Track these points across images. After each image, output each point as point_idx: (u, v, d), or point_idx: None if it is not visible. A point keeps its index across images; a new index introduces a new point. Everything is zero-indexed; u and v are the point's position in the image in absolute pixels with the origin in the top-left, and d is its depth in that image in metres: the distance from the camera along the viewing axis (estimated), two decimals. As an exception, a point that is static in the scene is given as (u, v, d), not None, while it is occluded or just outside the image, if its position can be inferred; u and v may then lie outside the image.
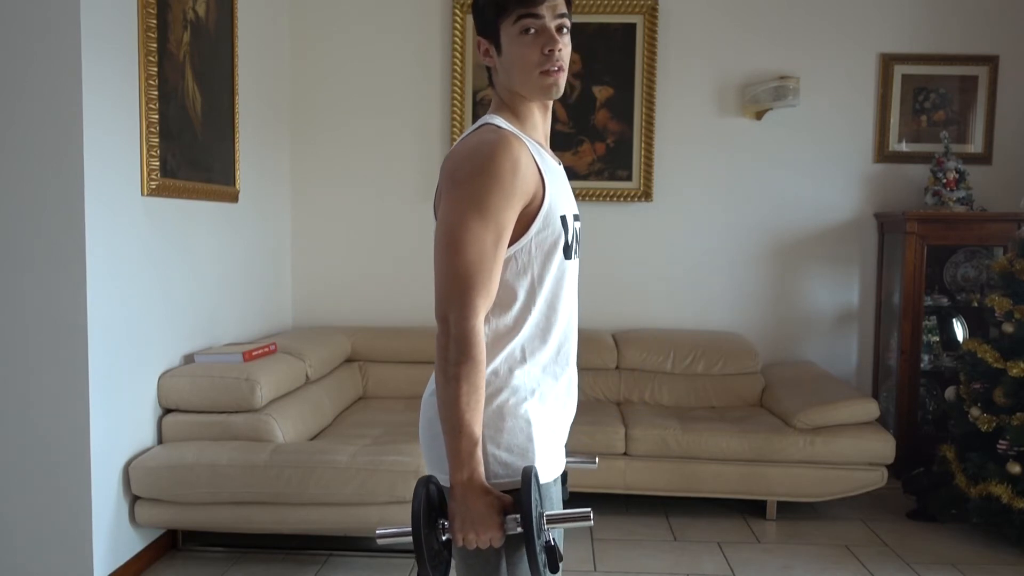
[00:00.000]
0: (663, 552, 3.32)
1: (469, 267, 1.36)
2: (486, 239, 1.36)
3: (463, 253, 1.35)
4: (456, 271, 1.36)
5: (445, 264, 1.37)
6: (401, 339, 4.25)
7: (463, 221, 1.36)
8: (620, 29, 4.34)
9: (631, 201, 4.39)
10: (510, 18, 1.43)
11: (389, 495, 2.96)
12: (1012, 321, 3.43)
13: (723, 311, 4.45)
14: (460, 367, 1.35)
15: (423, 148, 4.46)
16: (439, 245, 1.39)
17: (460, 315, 1.35)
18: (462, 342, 1.35)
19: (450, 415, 1.35)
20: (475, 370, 1.35)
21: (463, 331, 1.35)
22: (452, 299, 1.36)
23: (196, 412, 3.17)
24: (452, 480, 1.36)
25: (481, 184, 1.36)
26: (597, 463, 1.77)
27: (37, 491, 2.73)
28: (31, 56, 2.63)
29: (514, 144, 1.39)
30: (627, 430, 3.63)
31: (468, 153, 1.41)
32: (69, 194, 2.66)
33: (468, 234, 1.35)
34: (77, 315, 2.69)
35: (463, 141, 1.45)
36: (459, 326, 1.35)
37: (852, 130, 4.37)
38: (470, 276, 1.36)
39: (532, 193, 1.41)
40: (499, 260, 1.39)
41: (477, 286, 1.36)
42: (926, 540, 3.47)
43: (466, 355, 1.35)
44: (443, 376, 1.37)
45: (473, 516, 1.35)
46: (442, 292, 1.38)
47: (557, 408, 1.51)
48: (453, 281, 1.36)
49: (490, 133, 1.42)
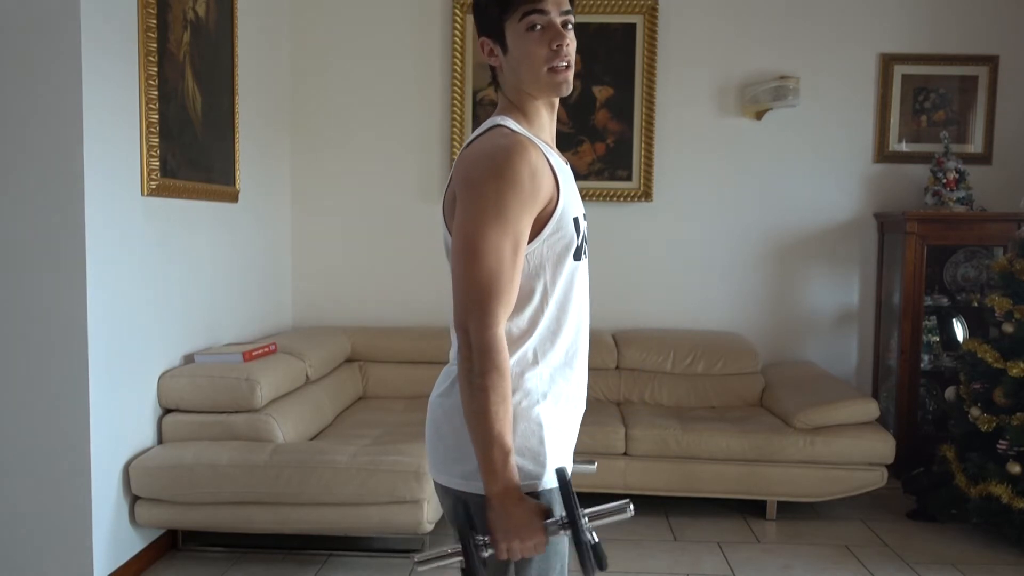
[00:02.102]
0: (663, 552, 3.32)
1: (488, 275, 1.34)
2: (504, 246, 1.34)
3: (482, 261, 1.33)
4: (475, 280, 1.34)
5: (464, 273, 1.35)
6: (401, 339, 4.25)
7: (481, 229, 1.34)
8: (620, 29, 4.34)
9: (631, 201, 4.39)
10: (515, 15, 1.42)
11: (389, 495, 2.96)
12: (1012, 321, 3.43)
13: (723, 311, 4.45)
14: (485, 377, 1.33)
15: (423, 148, 4.46)
16: (457, 254, 1.36)
17: (480, 324, 1.34)
18: (485, 352, 1.33)
19: (479, 426, 1.34)
20: (501, 379, 1.34)
21: (485, 340, 1.33)
22: (472, 308, 1.34)
23: (196, 412, 3.17)
24: (488, 492, 1.34)
25: (498, 190, 1.34)
26: (596, 467, 1.77)
27: (37, 491, 2.73)
28: (31, 56, 2.63)
29: (530, 148, 1.38)
30: (627, 430, 3.63)
31: (483, 158, 1.38)
32: (69, 194, 2.66)
33: (486, 242, 1.33)
34: (77, 315, 2.69)
35: (476, 144, 1.43)
36: (480, 335, 1.34)
37: (852, 130, 4.37)
38: (490, 284, 1.34)
39: (548, 197, 1.40)
40: (518, 267, 1.37)
41: (497, 294, 1.34)
42: (926, 540, 3.47)
43: (490, 364, 1.33)
44: (468, 387, 1.35)
45: (515, 525, 1.33)
46: (461, 302, 1.36)
47: (568, 410, 1.50)
48: (472, 290, 1.34)
49: (503, 137, 1.40)
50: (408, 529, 3.01)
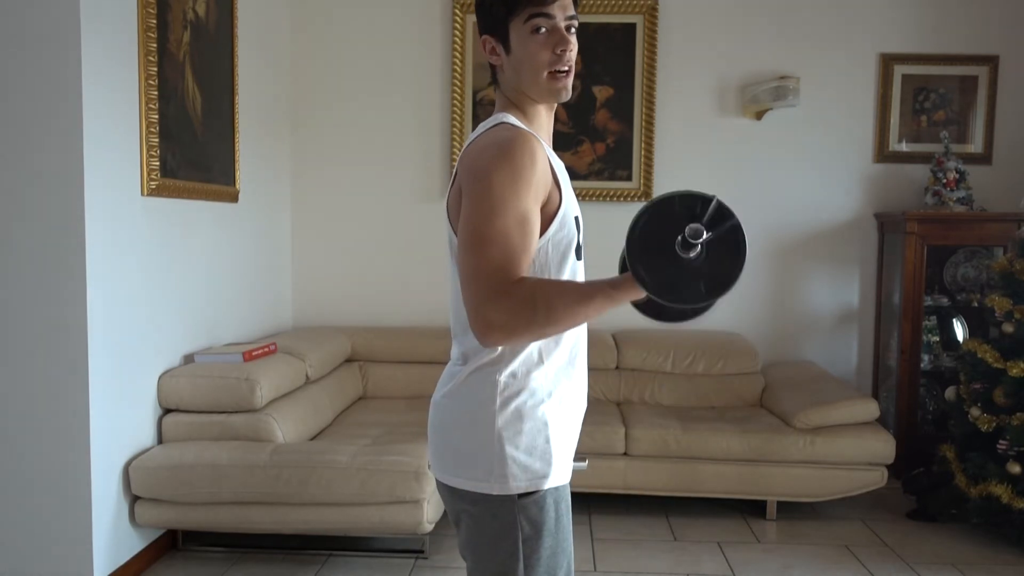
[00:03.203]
0: (663, 552, 3.32)
1: (500, 260, 1.31)
2: (512, 230, 1.33)
3: (491, 249, 1.31)
4: (487, 266, 1.31)
5: (475, 261, 1.32)
6: (401, 339, 4.25)
7: (489, 217, 1.32)
8: (620, 29, 4.34)
9: (631, 201, 4.38)
10: (521, 16, 1.42)
11: (389, 495, 2.96)
12: (1012, 321, 3.43)
13: (723, 311, 4.44)
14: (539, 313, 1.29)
15: (423, 148, 4.46)
16: (466, 244, 1.34)
17: (499, 305, 1.30)
18: (518, 311, 1.30)
19: (582, 315, 1.32)
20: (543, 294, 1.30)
21: (508, 309, 1.30)
22: (487, 298, 1.30)
23: (196, 412, 3.17)
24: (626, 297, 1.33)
25: (504, 178, 1.33)
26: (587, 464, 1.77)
27: (37, 491, 2.73)
28: (31, 56, 2.63)
29: (532, 140, 1.38)
30: (627, 430, 3.63)
31: (488, 147, 1.38)
32: (69, 194, 2.66)
33: (494, 230, 1.32)
34: (77, 315, 2.69)
35: (479, 139, 1.43)
36: (503, 312, 1.30)
37: (852, 130, 4.37)
38: (501, 268, 1.31)
39: (548, 190, 1.40)
40: (528, 249, 1.35)
41: (509, 278, 1.32)
42: (926, 540, 3.47)
43: (531, 309, 1.29)
44: (550, 326, 1.32)
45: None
46: (474, 294, 1.32)
47: (571, 409, 1.51)
48: (484, 279, 1.31)
49: (507, 131, 1.40)
50: (408, 529, 3.01)
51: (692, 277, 1.26)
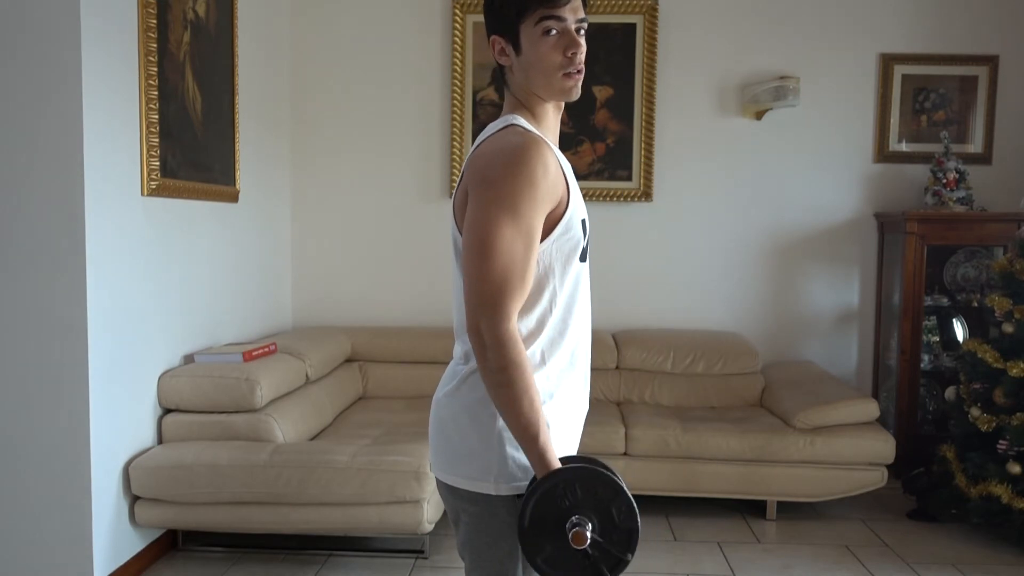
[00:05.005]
0: (663, 552, 3.31)
1: (501, 273, 1.33)
2: (517, 244, 1.34)
3: (495, 259, 1.33)
4: (488, 278, 1.33)
5: (476, 271, 1.34)
6: (401, 339, 4.25)
7: (495, 227, 1.33)
8: (620, 29, 4.34)
9: (631, 201, 4.39)
10: (532, 18, 1.42)
11: (389, 495, 2.96)
12: (1012, 321, 3.43)
13: (723, 311, 4.45)
14: (503, 373, 1.33)
15: (423, 148, 4.46)
16: (470, 251, 1.36)
17: (492, 322, 1.33)
18: (499, 348, 1.33)
19: (509, 421, 1.35)
20: (519, 371, 1.33)
21: (497, 336, 1.33)
22: (484, 306, 1.33)
23: (196, 412, 3.17)
24: (539, 478, 1.35)
25: (513, 188, 1.34)
26: None
27: (37, 491, 2.73)
28: (31, 56, 2.63)
29: (544, 147, 1.38)
30: (627, 430, 3.63)
31: (499, 155, 1.38)
32: (69, 194, 2.66)
33: (500, 240, 1.33)
34: (77, 315, 2.69)
35: (489, 142, 1.43)
36: (493, 332, 1.33)
37: (852, 130, 4.37)
38: (502, 282, 1.33)
39: (559, 197, 1.40)
40: (530, 264, 1.37)
41: (510, 292, 1.34)
42: (926, 540, 3.47)
43: (506, 359, 1.33)
44: (490, 385, 1.36)
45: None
46: (473, 300, 1.35)
47: (572, 411, 1.51)
48: (485, 288, 1.34)
49: (517, 136, 1.40)
50: (408, 529, 3.01)
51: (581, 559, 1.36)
